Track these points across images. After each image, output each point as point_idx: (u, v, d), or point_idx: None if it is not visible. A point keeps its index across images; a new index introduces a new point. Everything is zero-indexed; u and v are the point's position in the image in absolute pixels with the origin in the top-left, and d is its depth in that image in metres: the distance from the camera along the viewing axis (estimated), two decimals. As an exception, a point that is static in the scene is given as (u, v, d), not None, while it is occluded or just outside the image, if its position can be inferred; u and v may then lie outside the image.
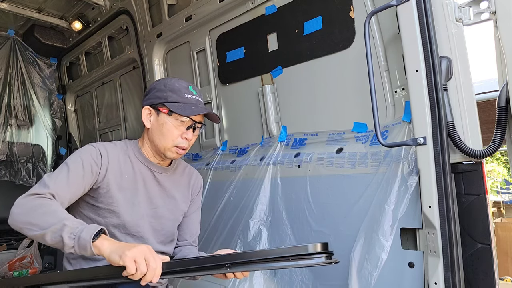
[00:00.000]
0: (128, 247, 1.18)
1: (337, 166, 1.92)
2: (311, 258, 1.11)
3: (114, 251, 1.18)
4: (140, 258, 1.15)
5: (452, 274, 1.36)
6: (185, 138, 1.54)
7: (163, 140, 1.54)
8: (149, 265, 1.16)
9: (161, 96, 1.53)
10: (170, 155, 1.57)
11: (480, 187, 1.41)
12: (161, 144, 1.55)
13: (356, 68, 1.92)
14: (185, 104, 1.52)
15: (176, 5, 3.00)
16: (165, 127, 1.52)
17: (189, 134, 1.55)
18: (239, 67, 2.57)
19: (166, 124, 1.52)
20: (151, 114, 1.56)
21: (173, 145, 1.54)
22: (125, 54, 3.54)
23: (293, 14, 2.21)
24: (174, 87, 1.53)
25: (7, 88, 4.03)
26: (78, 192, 1.45)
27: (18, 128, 4.17)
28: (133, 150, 1.62)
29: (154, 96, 1.55)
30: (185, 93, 1.53)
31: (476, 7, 1.40)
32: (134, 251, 1.16)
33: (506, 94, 1.32)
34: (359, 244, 1.64)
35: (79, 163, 1.44)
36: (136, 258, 1.14)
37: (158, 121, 1.54)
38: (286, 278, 1.97)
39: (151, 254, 1.18)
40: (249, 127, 2.55)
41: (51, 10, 3.94)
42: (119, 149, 1.60)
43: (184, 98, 1.52)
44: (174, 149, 1.55)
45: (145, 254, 1.17)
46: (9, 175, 4.04)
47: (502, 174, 15.61)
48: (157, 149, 1.58)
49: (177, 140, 1.54)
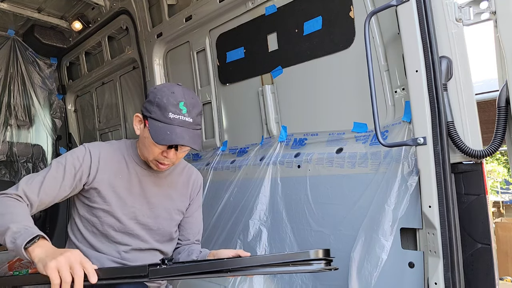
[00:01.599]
0: (54, 255, 1.10)
1: (337, 166, 1.92)
2: (310, 264, 1.11)
3: (42, 259, 1.11)
4: (63, 266, 1.07)
5: (452, 274, 1.36)
6: (165, 156, 1.49)
7: (145, 152, 1.52)
8: (75, 273, 1.08)
9: (148, 109, 1.46)
10: (153, 167, 1.55)
11: (480, 187, 1.41)
12: (144, 155, 1.55)
13: (356, 68, 1.92)
14: (164, 125, 1.41)
15: (176, 5, 3.00)
16: (147, 141, 1.49)
17: (169, 154, 1.48)
18: (239, 67, 2.57)
19: (148, 139, 1.46)
20: (141, 122, 1.53)
21: (154, 159, 1.51)
22: (125, 54, 3.54)
23: (293, 14, 2.21)
24: (162, 102, 1.43)
25: (7, 88, 4.03)
26: (58, 194, 1.44)
27: (18, 128, 4.17)
28: (130, 150, 1.61)
29: (145, 106, 1.50)
30: (169, 112, 1.41)
31: (476, 7, 1.40)
32: (59, 259, 1.08)
33: (506, 94, 1.32)
34: (359, 244, 1.64)
35: (62, 165, 1.46)
36: (59, 267, 1.07)
37: (143, 133, 1.52)
38: (286, 278, 1.97)
39: (78, 261, 1.10)
40: (249, 127, 2.55)
41: (51, 10, 3.93)
42: (115, 149, 1.59)
43: (166, 118, 1.41)
44: (155, 162, 1.52)
45: (70, 261, 1.08)
46: (9, 175, 4.04)
47: (502, 174, 15.61)
48: (144, 157, 1.57)
49: (158, 156, 1.50)
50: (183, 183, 1.73)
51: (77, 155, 1.50)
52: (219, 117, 2.77)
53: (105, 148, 1.57)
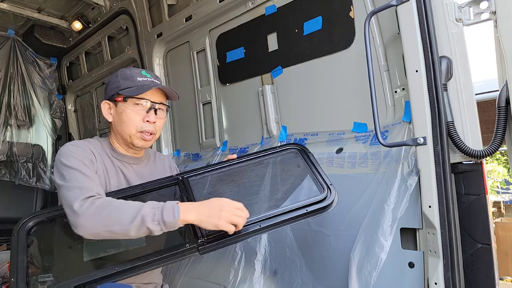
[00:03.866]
0: (211, 211, 1.27)
1: (337, 166, 1.92)
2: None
3: (204, 220, 1.26)
4: (233, 218, 1.27)
5: (452, 274, 1.36)
6: (147, 122, 1.53)
7: (126, 128, 1.54)
8: (242, 217, 1.30)
9: (114, 87, 1.54)
10: (138, 142, 1.56)
11: (480, 187, 1.41)
12: (126, 133, 1.55)
13: (356, 68, 1.92)
14: (138, 86, 1.52)
15: (176, 5, 3.00)
16: (124, 115, 1.52)
17: (151, 117, 1.54)
18: (239, 67, 2.57)
19: (125, 111, 1.52)
20: (110, 107, 1.57)
21: (137, 131, 1.54)
22: (125, 54, 3.54)
23: (293, 14, 2.21)
24: (126, 74, 1.54)
25: (7, 88, 4.02)
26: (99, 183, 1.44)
27: (18, 128, 4.16)
28: (107, 147, 1.62)
29: (109, 89, 1.56)
30: (137, 77, 1.53)
31: (476, 7, 1.40)
32: (224, 216, 1.26)
33: (506, 94, 1.32)
34: (359, 244, 1.64)
35: (80, 162, 1.41)
36: (231, 220, 1.27)
37: (117, 111, 1.54)
38: (286, 278, 1.97)
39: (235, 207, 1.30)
40: (249, 127, 2.55)
41: (51, 10, 3.93)
42: (96, 145, 1.58)
43: (136, 82, 1.53)
44: (139, 135, 1.54)
45: (233, 211, 1.29)
46: (9, 175, 4.03)
47: (502, 174, 15.61)
48: (124, 140, 1.58)
49: (140, 125, 1.53)
50: (162, 169, 1.78)
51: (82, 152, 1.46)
52: (219, 117, 2.77)
53: (89, 145, 1.55)
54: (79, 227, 1.24)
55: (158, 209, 1.25)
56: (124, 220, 1.23)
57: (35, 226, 1.45)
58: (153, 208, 1.25)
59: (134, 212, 1.24)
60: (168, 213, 1.24)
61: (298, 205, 1.46)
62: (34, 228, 1.45)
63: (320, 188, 1.52)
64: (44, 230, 1.49)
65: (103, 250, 1.42)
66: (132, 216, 1.23)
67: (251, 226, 1.39)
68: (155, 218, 1.23)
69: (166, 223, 1.24)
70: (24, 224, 1.42)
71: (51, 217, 1.47)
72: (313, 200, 1.48)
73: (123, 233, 1.24)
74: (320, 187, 1.53)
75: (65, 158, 1.41)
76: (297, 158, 1.69)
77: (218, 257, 2.18)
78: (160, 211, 1.24)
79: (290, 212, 1.44)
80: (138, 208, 1.25)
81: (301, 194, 1.54)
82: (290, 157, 1.72)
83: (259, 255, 2.04)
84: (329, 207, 1.47)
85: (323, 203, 1.46)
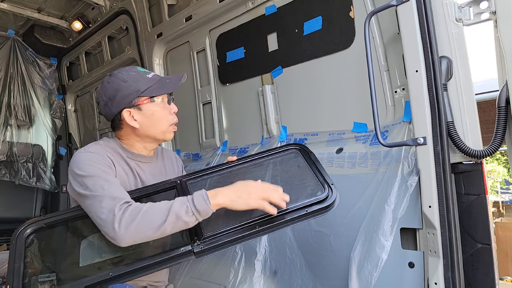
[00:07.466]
0: (240, 191, 1.32)
1: (337, 166, 1.92)
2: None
3: (235, 200, 1.31)
4: (263, 194, 1.32)
5: (452, 274, 1.36)
6: (174, 113, 1.60)
7: (159, 127, 1.57)
8: (275, 191, 1.35)
9: (132, 92, 1.49)
10: (169, 136, 1.62)
11: (480, 187, 1.41)
12: (159, 131, 1.58)
13: (356, 68, 1.92)
14: (156, 82, 1.54)
15: (176, 5, 3.00)
16: (156, 115, 1.54)
17: (173, 107, 1.60)
18: (239, 67, 2.57)
19: (156, 111, 1.54)
20: (131, 113, 1.52)
21: (169, 125, 1.59)
22: (125, 54, 3.54)
23: (293, 14, 2.21)
24: (133, 77, 1.52)
25: (7, 88, 4.02)
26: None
27: (18, 128, 4.16)
28: (119, 148, 1.59)
29: (123, 96, 1.49)
30: (146, 75, 1.55)
31: (476, 7, 1.40)
32: (253, 193, 1.31)
33: (506, 94, 1.32)
34: (359, 244, 1.64)
35: (101, 170, 1.39)
36: (262, 196, 1.32)
37: (145, 114, 1.53)
38: (286, 278, 1.97)
39: (263, 185, 1.36)
40: (249, 127, 2.55)
41: (51, 10, 3.93)
42: (109, 148, 1.55)
43: (149, 80, 1.54)
44: (171, 128, 1.61)
45: (261, 188, 1.34)
46: (9, 175, 4.03)
47: (502, 174, 15.62)
48: (155, 139, 1.61)
49: (170, 118, 1.59)
50: (170, 164, 1.81)
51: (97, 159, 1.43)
52: (219, 117, 2.77)
53: (102, 149, 1.51)
54: (118, 239, 1.24)
55: (188, 201, 1.28)
56: (156, 223, 1.25)
57: (33, 233, 1.44)
58: (182, 202, 1.28)
59: (165, 212, 1.26)
60: (200, 202, 1.27)
61: (298, 205, 1.44)
62: (32, 235, 1.44)
63: (321, 188, 1.51)
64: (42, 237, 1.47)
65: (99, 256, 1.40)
66: (164, 215, 1.25)
67: (250, 227, 1.38)
68: (188, 210, 1.26)
69: (200, 212, 1.27)
70: (22, 232, 1.41)
71: (49, 223, 1.46)
72: (313, 200, 1.46)
73: (159, 233, 1.26)
74: (321, 186, 1.52)
75: (83, 167, 1.39)
76: (298, 158, 1.69)
77: (218, 257, 2.18)
78: (191, 202, 1.27)
79: (290, 213, 1.42)
80: (167, 208, 1.27)
81: (302, 194, 1.53)
82: (291, 157, 1.72)
83: (259, 255, 2.04)
84: (331, 206, 1.45)
85: (324, 203, 1.44)
